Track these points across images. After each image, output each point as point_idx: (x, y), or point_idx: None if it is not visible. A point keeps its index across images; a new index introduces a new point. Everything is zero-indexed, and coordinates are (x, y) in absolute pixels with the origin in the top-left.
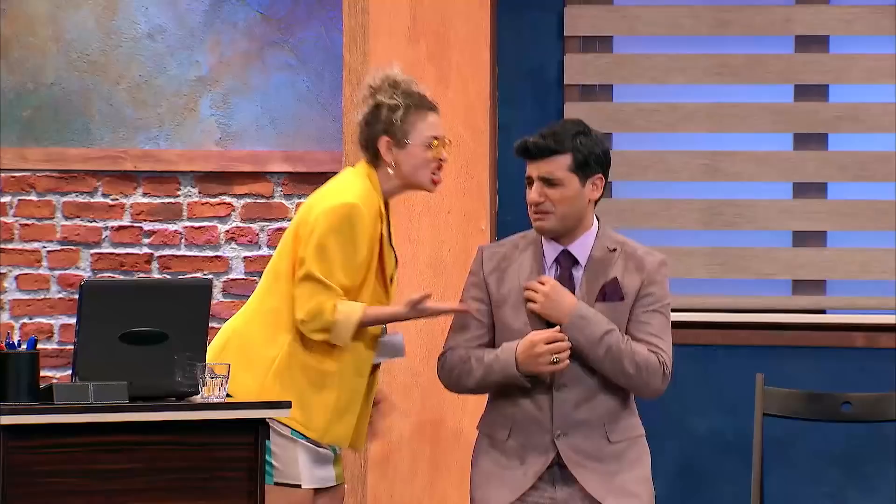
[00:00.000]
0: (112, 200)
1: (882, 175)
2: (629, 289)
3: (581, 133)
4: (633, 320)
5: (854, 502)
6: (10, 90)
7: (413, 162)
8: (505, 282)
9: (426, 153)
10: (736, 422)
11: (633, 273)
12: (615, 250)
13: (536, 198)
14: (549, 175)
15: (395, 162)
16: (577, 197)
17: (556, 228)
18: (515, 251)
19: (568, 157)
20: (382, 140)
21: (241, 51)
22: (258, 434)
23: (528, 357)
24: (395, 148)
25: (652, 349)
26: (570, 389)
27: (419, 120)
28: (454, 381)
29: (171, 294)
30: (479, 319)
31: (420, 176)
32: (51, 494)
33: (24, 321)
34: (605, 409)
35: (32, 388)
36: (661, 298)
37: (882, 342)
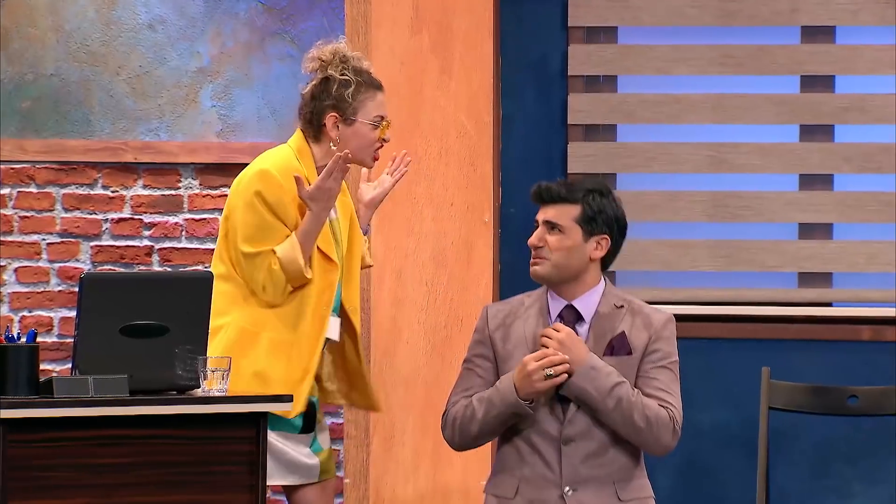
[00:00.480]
0: (112, 192)
1: (889, 167)
2: (637, 344)
3: (597, 192)
4: (642, 376)
5: (859, 496)
6: (10, 81)
7: (359, 141)
8: (510, 338)
9: (372, 132)
10: (741, 415)
11: (641, 329)
12: (622, 307)
13: (535, 241)
14: (553, 220)
15: (340, 138)
16: (576, 249)
17: (548, 275)
18: (521, 308)
19: (576, 208)
20: (329, 116)
21: (242, 41)
22: (259, 428)
23: (523, 379)
24: (342, 124)
25: (662, 404)
26: (579, 444)
27: (368, 98)
28: (458, 431)
29: (171, 287)
30: (481, 376)
31: (363, 154)
32: (50, 488)
33: (24, 314)
34: (615, 467)
35: (32, 382)
36: (669, 355)
37: (889, 335)
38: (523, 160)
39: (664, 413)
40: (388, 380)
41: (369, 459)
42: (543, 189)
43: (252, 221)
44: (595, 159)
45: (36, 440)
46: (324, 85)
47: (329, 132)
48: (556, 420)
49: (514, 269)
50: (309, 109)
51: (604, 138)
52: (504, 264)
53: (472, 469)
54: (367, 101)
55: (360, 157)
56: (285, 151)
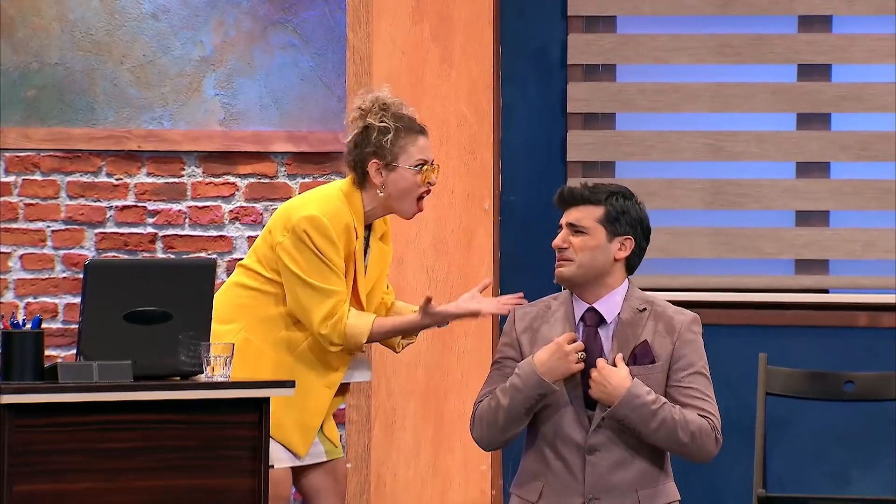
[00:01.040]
0: (116, 180)
1: (885, 155)
2: (661, 352)
3: (621, 194)
4: (676, 385)
5: (856, 481)
6: (15, 70)
7: (402, 185)
8: (537, 341)
9: (416, 177)
10: (739, 401)
11: (664, 336)
12: (644, 310)
13: (560, 243)
14: (576, 222)
15: (384, 184)
16: (601, 249)
17: (574, 277)
18: (548, 311)
19: (600, 209)
20: (372, 163)
21: (244, 31)
22: (262, 413)
23: (559, 359)
24: (385, 171)
25: (702, 414)
26: (603, 454)
27: (409, 143)
28: (486, 425)
29: (175, 274)
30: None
31: (405, 202)
32: (55, 473)
33: (29, 300)
34: (639, 474)
35: (37, 368)
36: (698, 359)
37: (885, 322)
38: (523, 148)
39: (705, 424)
40: (389, 366)
41: (371, 444)
42: (566, 192)
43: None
44: (594, 147)
45: (41, 425)
46: (365, 133)
47: (373, 179)
48: (582, 428)
49: (513, 257)
50: (352, 157)
51: (603, 127)
52: (504, 252)
53: (472, 454)
54: (408, 145)
55: (401, 204)
56: (335, 195)
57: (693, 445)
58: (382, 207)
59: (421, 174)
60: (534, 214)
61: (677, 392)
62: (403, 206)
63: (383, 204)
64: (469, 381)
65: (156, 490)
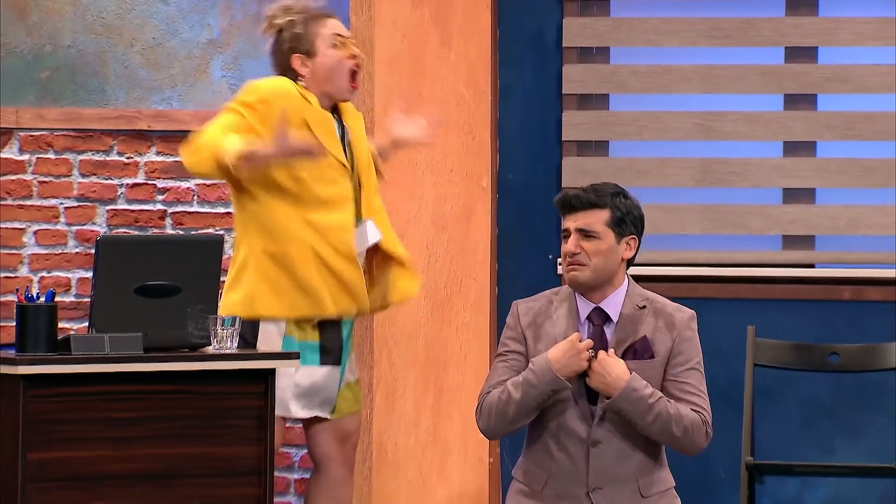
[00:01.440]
0: (127, 159)
1: (870, 134)
2: (660, 347)
3: (620, 194)
4: (671, 380)
5: (841, 449)
6: (29, 52)
7: (328, 65)
8: (541, 338)
9: (337, 53)
10: (728, 372)
11: (664, 331)
12: (644, 307)
13: (573, 248)
14: (586, 227)
15: (312, 73)
16: (612, 252)
17: (589, 281)
18: (550, 307)
19: (606, 212)
20: (294, 58)
21: (251, 14)
22: (268, 383)
23: (573, 356)
24: (307, 59)
25: (695, 408)
26: (606, 446)
27: (320, 27)
28: (495, 416)
29: (184, 249)
30: (516, 370)
31: (337, 80)
32: (68, 440)
33: (43, 275)
34: (639, 465)
35: (51, 340)
36: (695, 356)
37: (868, 295)
38: (520, 128)
39: (698, 419)
40: (390, 338)
41: (372, 414)
42: (572, 197)
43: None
44: (588, 127)
45: (54, 395)
46: (278, 36)
47: (301, 71)
48: (585, 422)
49: (510, 233)
50: (277, 62)
51: (597, 107)
52: (501, 227)
53: (471, 423)
54: (320, 28)
55: (334, 84)
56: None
57: (685, 439)
58: (322, 96)
59: (341, 49)
60: (530, 192)
61: (673, 386)
62: (337, 86)
63: (319, 92)
64: (467, 353)
65: (165, 457)
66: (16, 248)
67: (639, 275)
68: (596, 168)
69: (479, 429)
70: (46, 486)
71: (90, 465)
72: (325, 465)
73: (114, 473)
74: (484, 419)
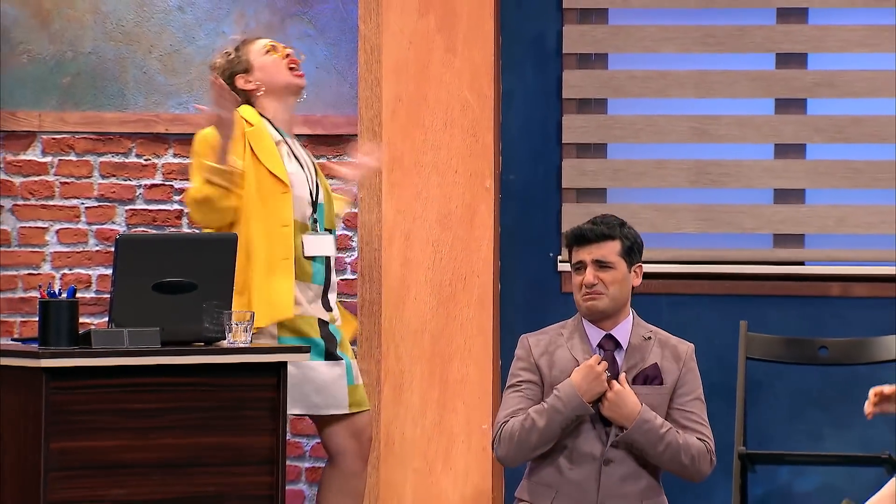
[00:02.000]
0: (145, 160)
1: (857, 137)
2: (668, 375)
3: (625, 224)
4: (679, 408)
5: (829, 439)
6: (51, 58)
7: (267, 70)
8: (556, 365)
9: (271, 57)
10: (721, 365)
11: (671, 361)
12: (650, 338)
13: (592, 279)
14: (602, 258)
15: (257, 84)
16: (626, 280)
17: (607, 309)
18: (560, 338)
19: (618, 243)
20: (237, 79)
21: (263, 22)
22: (280, 376)
23: (592, 381)
24: (249, 76)
25: (700, 437)
26: (617, 466)
27: (250, 46)
28: (517, 443)
29: (199, 247)
30: (531, 399)
31: (280, 76)
32: (88, 431)
33: (65, 272)
34: (644, 486)
35: (72, 334)
36: (698, 387)
37: (856, 291)
38: (521, 131)
39: (703, 447)
40: (397, 333)
41: (380, 405)
42: (587, 230)
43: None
44: (587, 130)
45: (75, 387)
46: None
47: (248, 88)
48: (600, 442)
49: (512, 231)
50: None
51: (595, 111)
52: (503, 226)
53: (474, 414)
54: (250, 47)
55: (280, 81)
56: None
57: (692, 467)
58: (276, 103)
59: (273, 53)
60: (531, 192)
61: (679, 414)
62: (282, 83)
63: (273, 100)
64: (471, 348)
65: (182, 447)
66: (38, 246)
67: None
68: (594, 169)
69: (497, 457)
70: (68, 475)
71: (110, 454)
72: (339, 457)
73: (132, 462)
74: (504, 447)
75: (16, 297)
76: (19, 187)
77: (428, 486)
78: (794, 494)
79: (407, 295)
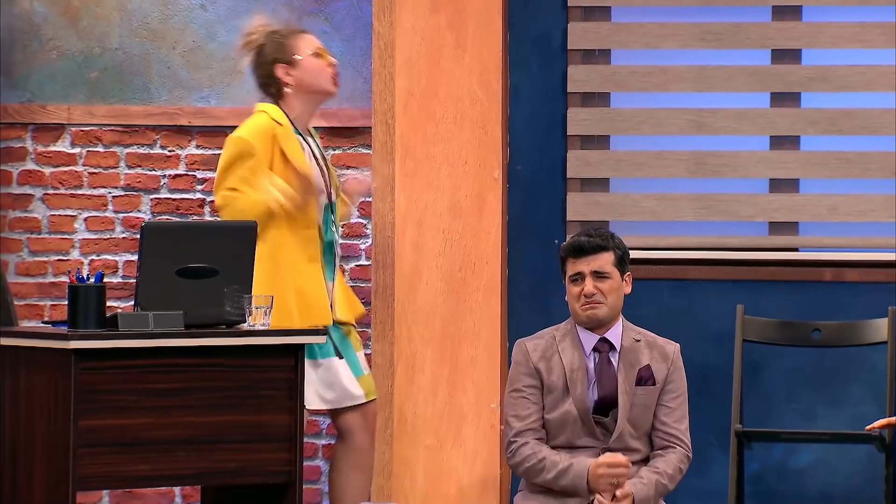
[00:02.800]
0: (169, 152)
1: (849, 129)
2: (659, 375)
3: (614, 235)
4: (662, 405)
5: (822, 418)
6: (80, 54)
7: (311, 71)
8: (553, 370)
9: (319, 61)
10: (719, 347)
11: (661, 361)
12: (639, 341)
13: (592, 290)
14: (600, 269)
15: (295, 81)
16: (620, 289)
17: (606, 317)
18: (554, 342)
19: (612, 253)
20: (277, 67)
21: (282, 19)
22: (297, 357)
23: (595, 478)
24: (290, 69)
25: (678, 443)
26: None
27: (299, 40)
28: (524, 472)
29: (221, 234)
30: (535, 403)
31: (321, 82)
32: (115, 409)
33: (92, 258)
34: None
35: (100, 317)
36: (683, 384)
37: (848, 276)
38: (528, 124)
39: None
40: (409, 317)
41: (393, 386)
42: (585, 243)
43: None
44: (591, 123)
45: (103, 367)
46: (259, 50)
47: (284, 80)
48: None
49: (519, 219)
50: (260, 74)
51: (599, 104)
52: (511, 215)
53: (483, 394)
54: (299, 42)
55: (319, 86)
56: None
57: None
58: (307, 102)
59: (321, 59)
60: (537, 182)
61: (662, 412)
62: (321, 89)
63: (303, 100)
64: (480, 331)
65: (204, 425)
66: (68, 233)
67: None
68: (598, 160)
69: (508, 464)
70: (95, 451)
71: (135, 432)
72: (349, 434)
73: (157, 439)
74: (514, 464)
75: (46, 282)
76: (49, 177)
77: (439, 461)
78: (789, 470)
79: (419, 280)
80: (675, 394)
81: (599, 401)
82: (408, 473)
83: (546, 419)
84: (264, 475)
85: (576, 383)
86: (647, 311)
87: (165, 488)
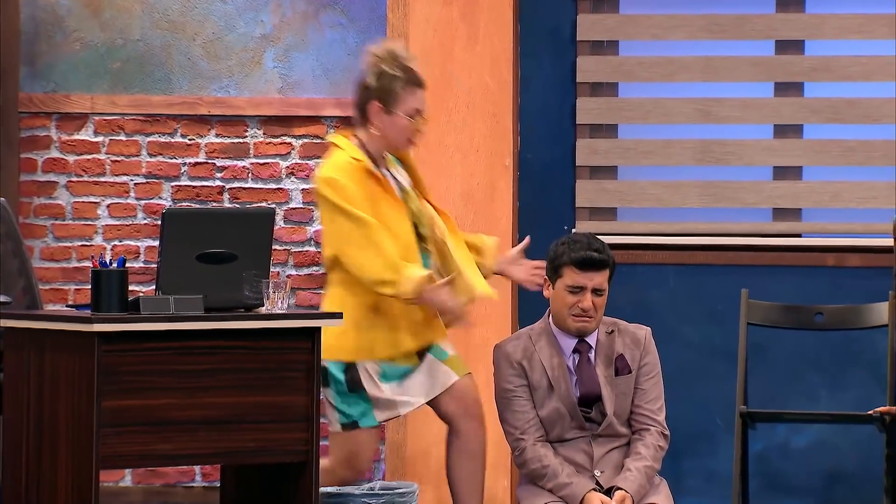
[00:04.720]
0: (189, 140)
1: (851, 118)
2: (632, 361)
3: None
4: (639, 388)
5: (825, 400)
6: (102, 45)
7: (396, 128)
8: (535, 369)
9: (408, 125)
10: (724, 330)
11: (633, 348)
12: (612, 332)
13: (590, 306)
14: (600, 286)
15: (380, 127)
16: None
17: (594, 329)
18: (531, 343)
19: (609, 269)
20: (373, 104)
21: (299, 11)
22: (314, 340)
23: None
24: (383, 114)
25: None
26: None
27: (408, 94)
28: (528, 473)
29: (240, 221)
30: (528, 399)
31: (399, 141)
32: (137, 391)
33: (115, 244)
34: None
35: (122, 301)
36: (656, 366)
37: (850, 261)
38: (539, 113)
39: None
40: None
41: None
42: (596, 259)
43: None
44: (599, 112)
45: (125, 350)
46: (374, 77)
47: (372, 118)
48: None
49: (530, 206)
50: (360, 97)
51: (607, 94)
52: (522, 202)
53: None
54: (407, 95)
55: (395, 143)
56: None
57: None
58: (379, 143)
59: (413, 123)
60: (548, 170)
61: (637, 395)
62: (395, 144)
63: (379, 140)
64: (491, 315)
65: (225, 405)
66: (91, 219)
67: (645, 244)
68: (606, 148)
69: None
70: (118, 431)
71: (157, 412)
72: (451, 422)
73: (178, 419)
74: (519, 465)
75: (70, 267)
76: (73, 165)
77: None
78: (792, 450)
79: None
80: (649, 376)
81: (583, 396)
82: (421, 454)
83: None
84: (283, 454)
85: (559, 381)
86: (653, 296)
87: (186, 467)
